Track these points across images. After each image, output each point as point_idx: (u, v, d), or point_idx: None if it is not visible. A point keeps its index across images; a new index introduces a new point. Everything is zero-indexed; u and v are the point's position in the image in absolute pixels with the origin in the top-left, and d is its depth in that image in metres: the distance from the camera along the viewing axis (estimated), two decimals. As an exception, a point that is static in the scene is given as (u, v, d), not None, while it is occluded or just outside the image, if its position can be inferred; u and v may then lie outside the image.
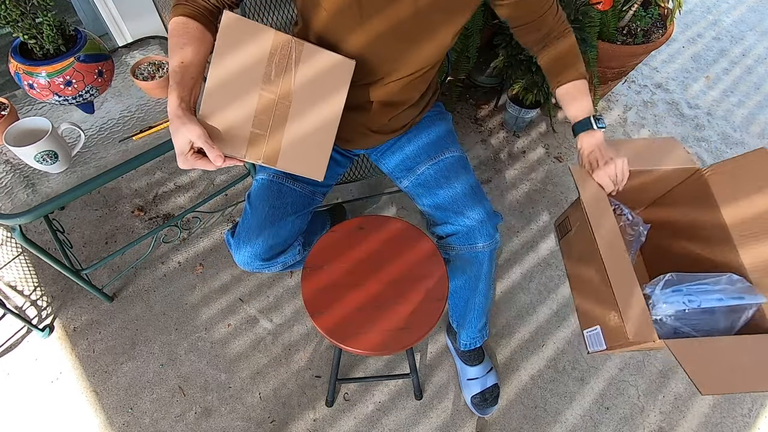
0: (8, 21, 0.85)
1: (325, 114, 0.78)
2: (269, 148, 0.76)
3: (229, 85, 0.73)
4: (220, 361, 1.31)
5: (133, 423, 1.21)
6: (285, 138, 0.77)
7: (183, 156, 0.72)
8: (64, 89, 0.92)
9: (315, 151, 0.78)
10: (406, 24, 0.79)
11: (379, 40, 0.81)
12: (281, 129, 0.76)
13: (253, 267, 0.95)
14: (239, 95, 0.73)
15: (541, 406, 1.28)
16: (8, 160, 1.00)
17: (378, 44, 0.81)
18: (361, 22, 0.78)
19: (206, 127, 0.71)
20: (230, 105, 0.73)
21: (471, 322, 1.16)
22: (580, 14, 1.44)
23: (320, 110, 0.77)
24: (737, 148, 1.90)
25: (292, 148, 0.77)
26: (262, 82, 0.74)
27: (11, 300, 1.39)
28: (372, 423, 1.23)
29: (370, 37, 0.80)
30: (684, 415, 1.28)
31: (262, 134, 0.75)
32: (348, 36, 0.80)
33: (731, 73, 2.19)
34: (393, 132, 1.03)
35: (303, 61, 0.75)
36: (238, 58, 0.73)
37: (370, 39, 0.80)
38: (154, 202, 1.60)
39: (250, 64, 0.73)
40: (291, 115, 0.76)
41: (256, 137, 0.75)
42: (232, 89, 0.73)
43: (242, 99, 0.74)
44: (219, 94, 0.73)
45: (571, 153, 1.82)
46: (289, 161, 0.77)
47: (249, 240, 0.92)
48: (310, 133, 0.78)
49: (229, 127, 0.74)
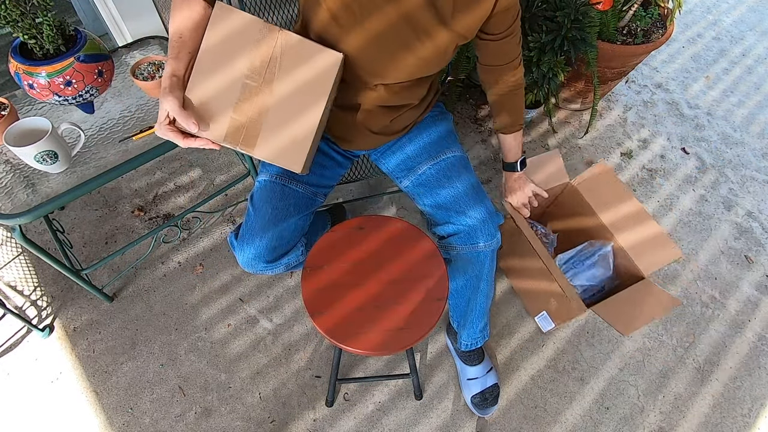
0: (8, 21, 0.85)
1: (308, 105, 0.77)
2: (248, 134, 0.77)
3: (214, 70, 0.75)
4: (220, 361, 1.31)
5: (133, 423, 1.21)
6: (264, 126, 0.77)
7: (159, 124, 0.75)
8: (64, 89, 0.92)
9: (294, 143, 0.78)
10: (402, 27, 0.79)
11: (378, 42, 0.80)
12: (262, 117, 0.77)
13: (256, 268, 0.95)
14: (223, 81, 0.75)
15: (541, 406, 1.28)
16: (8, 160, 1.00)
17: (377, 45, 0.81)
18: (360, 21, 0.78)
19: (189, 107, 0.74)
20: (214, 90, 0.75)
21: (472, 322, 1.16)
22: (580, 14, 1.44)
23: (302, 101, 0.77)
24: (737, 148, 1.90)
25: (272, 137, 0.77)
26: (247, 70, 0.75)
27: (11, 300, 1.39)
28: (372, 423, 1.23)
29: (370, 37, 0.80)
30: (684, 415, 1.28)
31: (243, 121, 0.76)
32: (347, 36, 0.80)
33: (731, 73, 2.19)
34: (395, 133, 1.03)
35: (289, 52, 0.76)
36: (226, 45, 0.74)
37: (370, 39, 0.80)
38: (154, 202, 1.60)
39: (236, 51, 0.75)
40: (272, 105, 0.76)
41: (236, 123, 0.76)
42: (217, 75, 0.75)
43: (226, 85, 0.75)
44: (204, 77, 0.75)
45: (571, 153, 1.83)
46: (267, 150, 0.78)
47: (252, 241, 0.92)
48: (290, 123, 0.77)
49: (210, 111, 0.75)
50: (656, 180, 1.78)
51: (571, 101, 1.93)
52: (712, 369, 1.36)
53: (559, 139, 1.87)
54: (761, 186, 1.78)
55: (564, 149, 1.84)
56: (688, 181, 1.78)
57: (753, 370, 1.36)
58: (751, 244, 1.62)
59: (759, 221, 1.68)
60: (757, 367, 1.37)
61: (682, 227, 1.65)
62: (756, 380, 1.35)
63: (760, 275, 1.55)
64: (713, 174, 1.81)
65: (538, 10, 1.48)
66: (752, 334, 1.43)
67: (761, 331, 1.44)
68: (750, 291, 1.51)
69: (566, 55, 1.50)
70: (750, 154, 1.88)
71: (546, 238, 1.43)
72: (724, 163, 1.85)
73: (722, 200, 1.73)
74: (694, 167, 1.83)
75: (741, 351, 1.40)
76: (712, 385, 1.33)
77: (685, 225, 1.66)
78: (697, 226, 1.65)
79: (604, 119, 1.96)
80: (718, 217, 1.68)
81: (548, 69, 1.50)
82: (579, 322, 1.42)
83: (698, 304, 1.48)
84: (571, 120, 1.94)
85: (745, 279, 1.54)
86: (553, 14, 1.46)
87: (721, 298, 1.49)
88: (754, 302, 1.49)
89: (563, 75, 1.53)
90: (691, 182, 1.78)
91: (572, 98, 1.91)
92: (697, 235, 1.63)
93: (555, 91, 1.56)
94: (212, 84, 0.75)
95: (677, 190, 1.75)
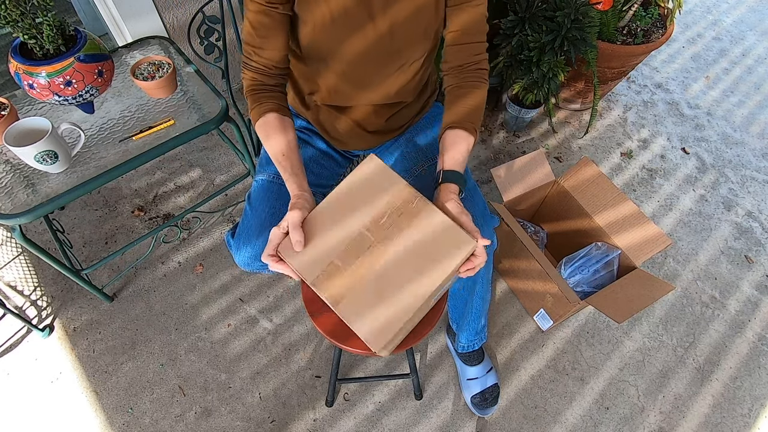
0: (8, 21, 0.85)
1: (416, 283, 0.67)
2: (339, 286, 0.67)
3: (339, 210, 0.71)
4: (220, 361, 1.31)
5: (133, 423, 1.21)
6: (360, 284, 0.67)
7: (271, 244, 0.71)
8: (64, 89, 0.92)
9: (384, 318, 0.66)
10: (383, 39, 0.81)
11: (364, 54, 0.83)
12: (362, 274, 0.68)
13: (253, 267, 0.95)
14: (342, 223, 0.70)
15: (541, 406, 1.28)
16: (8, 160, 1.00)
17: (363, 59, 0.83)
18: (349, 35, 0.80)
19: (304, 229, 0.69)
20: (329, 228, 0.70)
21: (469, 324, 1.16)
22: (580, 14, 1.44)
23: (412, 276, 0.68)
24: (737, 148, 1.90)
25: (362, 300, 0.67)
26: (369, 223, 0.70)
27: (11, 300, 1.39)
28: (372, 423, 1.23)
29: (356, 51, 0.81)
30: (684, 415, 1.28)
31: (342, 268, 0.68)
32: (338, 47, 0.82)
33: (731, 73, 2.19)
34: (390, 132, 1.03)
35: (419, 220, 0.70)
36: (361, 192, 0.72)
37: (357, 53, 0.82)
38: (154, 202, 1.60)
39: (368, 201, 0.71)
40: (379, 267, 0.68)
41: (334, 269, 0.68)
42: (339, 215, 0.71)
43: (342, 228, 0.70)
44: (325, 214, 0.71)
45: (571, 153, 1.83)
46: (351, 311, 0.67)
47: (249, 241, 0.92)
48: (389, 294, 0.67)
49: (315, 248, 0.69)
50: (656, 180, 1.78)
51: (571, 101, 1.93)
52: (712, 369, 1.36)
53: (559, 139, 1.87)
54: (761, 186, 1.78)
55: (564, 150, 1.84)
56: (688, 181, 1.78)
57: (753, 370, 1.36)
58: (751, 244, 1.62)
59: (759, 221, 1.68)
60: (757, 367, 1.37)
61: (682, 227, 1.65)
62: (756, 380, 1.35)
63: (760, 275, 1.55)
64: (713, 174, 1.81)
65: (538, 10, 1.48)
66: (752, 334, 1.43)
67: (761, 331, 1.44)
68: (750, 291, 1.51)
69: (566, 55, 1.50)
70: (750, 154, 1.88)
71: (536, 235, 1.44)
72: (724, 163, 1.85)
73: (722, 200, 1.73)
74: (694, 167, 1.83)
75: (741, 351, 1.40)
76: (712, 385, 1.33)
77: (685, 225, 1.66)
78: (697, 226, 1.65)
79: (604, 119, 1.96)
80: (718, 217, 1.68)
81: (548, 69, 1.50)
82: (579, 322, 1.42)
83: (698, 304, 1.48)
84: (571, 120, 1.94)
85: (745, 279, 1.54)
86: (553, 14, 1.46)
87: (721, 298, 1.49)
88: (754, 302, 1.49)
89: (563, 75, 1.53)
90: (691, 182, 1.78)
91: (572, 98, 1.91)
92: (697, 235, 1.63)
93: (555, 91, 1.56)
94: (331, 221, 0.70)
95: (677, 190, 1.75)
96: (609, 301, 1.13)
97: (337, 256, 0.69)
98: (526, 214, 1.50)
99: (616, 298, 1.14)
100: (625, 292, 1.15)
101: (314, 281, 0.68)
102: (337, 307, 0.67)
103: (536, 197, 1.42)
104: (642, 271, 1.20)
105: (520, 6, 1.50)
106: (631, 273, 1.21)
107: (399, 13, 0.79)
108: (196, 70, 1.17)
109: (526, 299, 1.41)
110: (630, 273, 1.21)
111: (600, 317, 1.43)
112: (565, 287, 1.12)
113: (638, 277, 1.19)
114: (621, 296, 1.14)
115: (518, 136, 1.87)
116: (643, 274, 1.19)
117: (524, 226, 1.44)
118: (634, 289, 1.15)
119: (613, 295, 1.15)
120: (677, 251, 1.59)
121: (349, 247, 0.69)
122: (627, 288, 1.16)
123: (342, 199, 0.72)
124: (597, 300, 1.14)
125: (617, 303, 1.11)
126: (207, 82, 1.14)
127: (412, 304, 0.66)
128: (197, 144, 1.75)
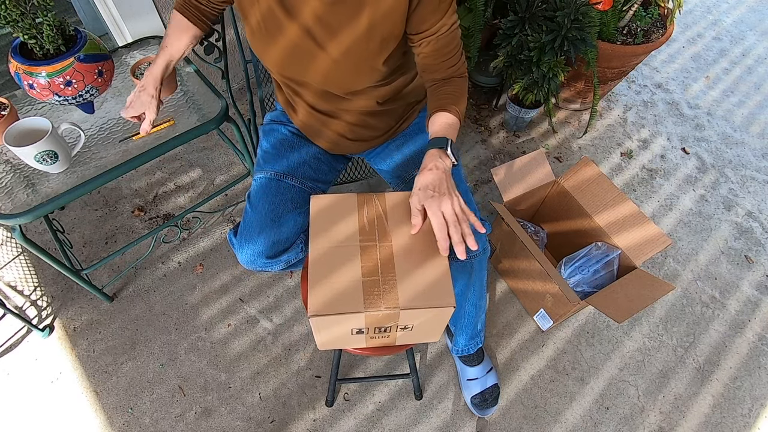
0: (8, 21, 0.85)
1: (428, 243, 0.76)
2: (385, 291, 0.72)
3: (330, 249, 0.74)
4: (220, 361, 1.31)
5: (133, 423, 1.21)
6: (398, 276, 0.72)
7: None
8: (64, 89, 0.92)
9: (435, 281, 0.73)
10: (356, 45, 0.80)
11: (325, 82, 0.85)
12: (391, 269, 0.73)
13: (256, 265, 0.95)
14: (342, 254, 0.74)
15: (541, 406, 1.28)
16: (8, 160, 1.00)
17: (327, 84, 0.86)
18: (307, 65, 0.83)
19: (320, 296, 0.70)
20: (336, 266, 0.73)
21: (463, 329, 1.18)
22: (580, 14, 1.44)
23: (421, 242, 0.76)
24: (737, 148, 1.90)
25: (411, 284, 0.72)
26: (359, 236, 0.76)
27: (11, 300, 1.39)
28: (372, 423, 1.23)
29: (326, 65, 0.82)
30: (684, 415, 1.28)
31: (374, 279, 0.72)
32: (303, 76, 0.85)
33: (731, 73, 2.19)
34: (374, 139, 1.04)
35: (389, 207, 0.79)
36: (332, 224, 0.76)
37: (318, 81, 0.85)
38: (154, 202, 1.60)
39: (344, 224, 0.77)
40: (396, 254, 0.74)
41: (369, 285, 0.72)
42: (334, 251, 0.74)
43: (345, 256, 0.74)
44: (323, 260, 0.73)
45: (571, 153, 1.83)
46: (411, 297, 0.71)
47: (251, 238, 0.92)
48: (422, 265, 0.74)
49: (341, 284, 0.72)
50: (656, 180, 1.78)
51: (571, 101, 1.93)
52: (712, 369, 1.36)
53: (559, 139, 1.87)
54: (761, 186, 1.78)
55: (564, 149, 1.84)
56: (688, 181, 1.78)
57: (753, 370, 1.36)
58: (751, 244, 1.62)
59: (759, 221, 1.68)
60: (757, 367, 1.37)
61: (682, 227, 1.65)
62: (756, 380, 1.35)
63: (760, 275, 1.55)
64: (713, 174, 1.81)
65: (538, 10, 1.48)
66: (752, 334, 1.43)
67: (761, 331, 1.44)
68: (750, 291, 1.51)
69: (566, 55, 1.50)
70: (750, 154, 1.88)
71: (536, 235, 1.45)
72: (724, 163, 1.85)
73: (722, 200, 1.73)
74: (694, 167, 1.83)
75: (741, 351, 1.40)
76: (712, 385, 1.33)
77: (685, 225, 1.66)
78: (697, 226, 1.65)
79: (604, 119, 1.96)
80: (718, 217, 1.68)
81: (548, 69, 1.50)
82: (579, 322, 1.42)
83: (698, 304, 1.48)
84: (571, 120, 1.94)
85: (745, 279, 1.54)
86: (553, 14, 1.46)
87: (721, 298, 1.49)
88: (754, 302, 1.49)
89: (563, 75, 1.53)
90: (691, 182, 1.78)
91: (572, 98, 1.91)
92: (697, 235, 1.63)
93: (555, 91, 1.56)
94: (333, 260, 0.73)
95: (677, 190, 1.75)
96: (609, 301, 1.13)
97: (362, 275, 0.72)
98: (526, 214, 1.50)
99: (616, 298, 1.14)
100: (625, 292, 1.15)
101: (365, 307, 0.70)
102: (399, 304, 0.71)
103: (536, 197, 1.42)
104: (642, 271, 1.20)
105: (520, 6, 1.50)
106: (631, 273, 1.21)
107: (341, 45, 0.80)
108: (196, 70, 1.17)
109: (526, 299, 1.41)
110: (630, 273, 1.21)
111: (600, 317, 1.43)
112: (565, 287, 1.13)
113: (638, 277, 1.19)
114: (621, 296, 1.14)
115: (518, 136, 1.87)
116: (643, 274, 1.19)
117: (524, 226, 1.44)
118: (634, 289, 1.15)
119: (613, 295, 1.15)
120: (677, 251, 1.59)
121: (364, 261, 0.73)
122: (627, 288, 1.16)
123: (323, 242, 0.75)
124: (597, 300, 1.14)
125: (617, 303, 1.12)
126: (207, 82, 1.14)
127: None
128: (197, 144, 1.75)
